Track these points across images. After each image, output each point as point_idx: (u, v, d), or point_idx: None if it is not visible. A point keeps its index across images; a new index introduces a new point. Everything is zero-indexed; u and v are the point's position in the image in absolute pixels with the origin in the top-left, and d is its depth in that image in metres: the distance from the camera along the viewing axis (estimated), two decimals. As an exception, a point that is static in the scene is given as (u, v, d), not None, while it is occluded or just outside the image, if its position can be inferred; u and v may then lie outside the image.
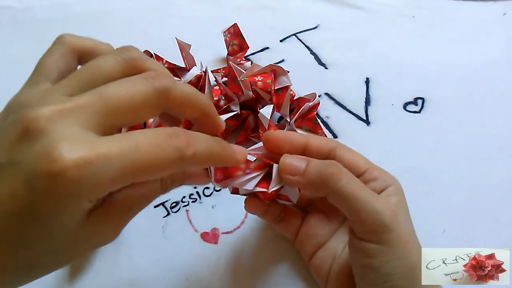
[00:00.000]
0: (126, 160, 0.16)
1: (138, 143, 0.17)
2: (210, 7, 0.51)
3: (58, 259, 0.19)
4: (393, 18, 0.50)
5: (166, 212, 0.37)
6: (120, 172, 0.16)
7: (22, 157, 0.16)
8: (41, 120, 0.16)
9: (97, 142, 0.16)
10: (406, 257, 0.24)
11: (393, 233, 0.24)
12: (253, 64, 0.38)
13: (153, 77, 0.19)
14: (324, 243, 0.30)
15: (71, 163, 0.15)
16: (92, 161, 0.16)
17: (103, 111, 0.18)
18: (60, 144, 0.16)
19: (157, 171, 0.18)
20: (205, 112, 0.22)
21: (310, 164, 0.25)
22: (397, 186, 0.28)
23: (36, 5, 0.52)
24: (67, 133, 0.16)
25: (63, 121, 0.17)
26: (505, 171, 0.38)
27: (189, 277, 0.33)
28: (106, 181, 0.16)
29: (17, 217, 0.16)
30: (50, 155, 0.15)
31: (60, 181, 0.15)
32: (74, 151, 0.16)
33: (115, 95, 0.18)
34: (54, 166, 0.15)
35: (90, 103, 0.17)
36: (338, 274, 0.29)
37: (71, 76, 0.20)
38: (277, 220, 0.31)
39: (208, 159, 0.20)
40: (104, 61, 0.20)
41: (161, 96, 0.19)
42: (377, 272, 0.24)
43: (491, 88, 0.44)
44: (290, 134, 0.27)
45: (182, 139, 0.18)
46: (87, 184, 0.16)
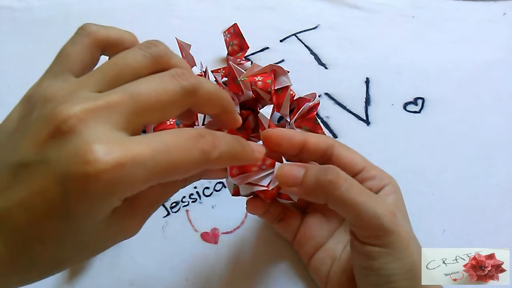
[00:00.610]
0: (157, 162, 0.17)
1: (168, 145, 0.17)
2: (210, 7, 0.51)
3: (82, 254, 0.19)
4: (393, 18, 0.50)
5: (166, 212, 0.37)
6: (150, 173, 0.17)
7: (54, 156, 0.16)
8: (73, 120, 0.16)
9: (129, 143, 0.16)
10: (407, 257, 0.24)
11: (394, 235, 0.24)
12: (253, 64, 0.38)
13: (181, 75, 0.19)
14: (323, 244, 0.30)
15: (105, 166, 0.15)
16: (126, 164, 0.16)
17: (134, 111, 0.18)
18: (94, 146, 0.16)
19: (184, 172, 0.18)
20: (226, 108, 0.22)
21: (308, 172, 0.25)
22: (394, 185, 0.28)
23: (35, 4, 0.52)
24: (100, 133, 0.16)
25: (95, 120, 0.17)
26: (505, 171, 0.38)
27: (189, 277, 0.33)
28: (137, 183, 0.16)
29: (48, 215, 0.16)
30: (84, 157, 0.15)
31: (94, 183, 0.15)
32: (108, 153, 0.16)
33: (145, 94, 0.18)
34: (88, 169, 0.15)
35: (121, 102, 0.17)
36: (338, 276, 0.29)
37: (98, 71, 0.19)
38: (277, 220, 0.31)
39: (230, 160, 0.21)
40: (131, 56, 0.20)
41: (189, 95, 0.19)
42: (378, 274, 0.24)
43: (491, 88, 0.44)
44: (288, 132, 0.27)
45: (208, 141, 0.19)
46: (120, 186, 0.16)
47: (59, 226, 0.16)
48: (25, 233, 0.16)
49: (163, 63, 0.20)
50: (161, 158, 0.17)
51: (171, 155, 0.17)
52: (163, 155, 0.17)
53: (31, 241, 0.17)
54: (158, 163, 0.17)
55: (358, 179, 0.27)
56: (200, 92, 0.20)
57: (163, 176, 0.17)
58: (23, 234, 0.16)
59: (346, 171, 0.27)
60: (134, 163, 0.16)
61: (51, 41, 0.50)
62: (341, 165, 0.27)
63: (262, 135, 0.26)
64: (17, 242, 0.16)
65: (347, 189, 0.24)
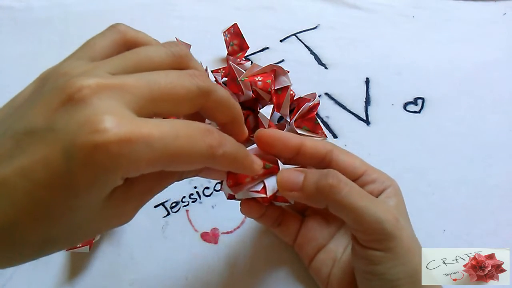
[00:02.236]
0: (165, 146, 0.17)
1: (178, 132, 0.17)
2: (210, 7, 0.51)
3: (73, 236, 0.19)
4: (393, 18, 0.50)
5: (166, 212, 0.37)
6: (157, 156, 0.16)
7: (63, 125, 0.16)
8: (87, 90, 0.16)
9: (140, 122, 0.16)
10: (410, 262, 0.24)
11: (396, 240, 0.24)
12: (253, 64, 0.38)
13: (198, 76, 0.20)
14: (323, 246, 0.30)
15: (114, 138, 0.15)
16: (134, 140, 0.16)
17: (147, 96, 0.18)
18: (105, 117, 0.15)
19: (188, 163, 0.18)
20: (234, 119, 0.23)
21: (308, 177, 0.25)
22: (395, 187, 0.27)
23: (35, 4, 0.52)
24: (112, 107, 0.16)
25: (108, 95, 0.16)
26: (505, 171, 0.38)
27: (189, 277, 0.33)
28: (142, 162, 0.16)
29: (47, 186, 0.15)
30: (93, 126, 0.15)
31: (101, 154, 0.15)
32: (118, 126, 0.15)
33: (161, 83, 0.18)
34: (97, 138, 0.15)
35: (137, 86, 0.17)
36: (339, 277, 0.29)
37: (118, 57, 0.20)
38: (276, 224, 0.31)
39: (232, 163, 0.21)
40: (154, 50, 0.20)
41: (202, 95, 0.20)
42: (381, 279, 0.24)
43: (491, 88, 0.44)
44: (283, 134, 0.26)
45: (216, 138, 0.19)
46: (125, 161, 0.16)
47: (57, 199, 0.16)
48: (20, 205, 0.16)
49: (183, 63, 0.21)
50: (169, 143, 0.17)
51: (179, 141, 0.17)
52: (172, 140, 0.17)
53: (25, 215, 0.16)
54: (165, 147, 0.17)
55: (359, 184, 0.27)
56: (213, 95, 0.20)
57: (168, 161, 0.17)
58: (17, 206, 0.16)
59: (347, 176, 0.27)
60: (142, 142, 0.16)
61: (51, 41, 0.50)
62: (341, 170, 0.26)
63: (255, 135, 0.26)
64: (9, 214, 0.16)
65: (348, 194, 0.23)
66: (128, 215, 0.20)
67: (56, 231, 0.17)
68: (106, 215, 0.18)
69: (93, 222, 0.18)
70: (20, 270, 0.34)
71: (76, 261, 0.34)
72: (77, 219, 0.17)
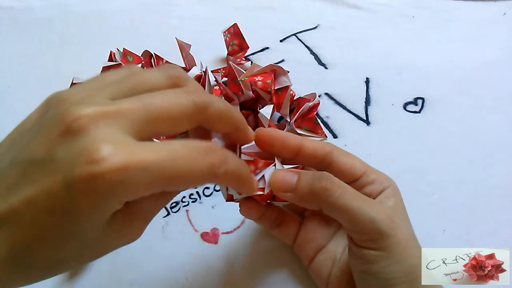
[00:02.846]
0: (162, 169, 0.17)
1: (176, 155, 0.17)
2: (210, 7, 0.51)
3: (82, 256, 0.19)
4: (393, 18, 0.50)
5: (166, 212, 0.37)
6: (155, 180, 0.17)
7: (62, 155, 0.16)
8: (84, 119, 0.16)
9: (136, 147, 0.17)
10: (406, 260, 0.24)
11: (391, 238, 0.24)
12: (253, 64, 0.38)
13: (193, 92, 0.20)
14: (323, 247, 0.30)
15: (110, 167, 0.16)
16: (131, 167, 0.16)
17: (144, 118, 0.18)
18: (100, 146, 0.16)
19: (189, 184, 0.18)
20: (237, 127, 0.23)
21: (302, 178, 0.25)
22: (394, 187, 0.27)
23: (35, 4, 0.52)
24: (108, 135, 0.16)
25: (105, 123, 0.17)
26: (505, 171, 0.38)
27: (189, 277, 0.33)
28: (140, 187, 0.17)
29: (52, 214, 0.16)
30: (90, 156, 0.16)
31: (98, 183, 0.16)
32: (114, 155, 0.16)
33: (157, 104, 0.18)
34: (94, 168, 0.15)
35: (133, 109, 0.18)
36: (338, 278, 0.29)
37: (116, 82, 0.20)
38: (275, 225, 0.30)
39: (235, 181, 0.21)
40: (150, 73, 0.21)
41: (199, 111, 0.20)
42: (377, 278, 0.24)
43: (491, 88, 0.44)
44: (282, 134, 0.26)
45: (217, 156, 0.19)
46: (122, 188, 0.16)
47: (60, 224, 0.17)
48: (28, 232, 0.17)
49: (180, 84, 0.21)
50: (167, 166, 0.17)
51: (178, 165, 0.17)
52: (169, 163, 0.17)
53: (33, 240, 0.17)
54: (163, 171, 0.17)
55: (358, 185, 0.27)
56: (211, 109, 0.20)
57: (167, 184, 0.17)
58: (25, 232, 0.17)
59: (346, 178, 0.27)
60: (139, 168, 0.16)
61: (51, 41, 0.50)
62: (341, 171, 0.27)
63: (255, 134, 0.26)
64: (19, 240, 0.17)
65: (341, 195, 0.24)
66: (134, 234, 0.21)
67: (64, 253, 0.18)
68: (111, 237, 0.19)
69: (99, 243, 0.19)
70: (20, 270, 0.34)
71: (76, 261, 0.34)
72: (82, 241, 0.18)
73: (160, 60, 0.40)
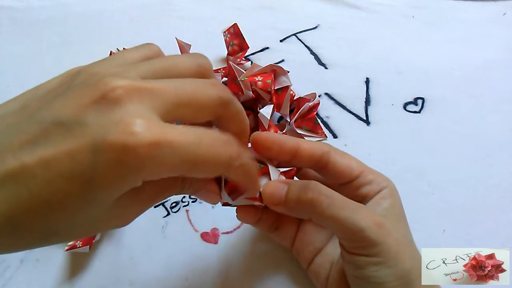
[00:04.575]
0: (188, 152, 0.17)
1: (202, 141, 0.18)
2: (210, 7, 0.51)
3: (74, 231, 0.19)
4: (393, 18, 0.50)
5: (166, 212, 0.37)
6: (180, 162, 0.17)
7: (93, 121, 0.16)
8: (120, 91, 0.17)
9: (167, 127, 0.17)
10: (398, 264, 0.24)
11: (381, 245, 0.24)
12: (253, 64, 0.38)
13: (219, 86, 0.21)
14: (321, 249, 0.30)
15: (144, 141, 0.16)
16: (162, 145, 0.16)
17: (174, 101, 0.18)
18: (137, 120, 0.16)
19: (208, 171, 0.19)
20: (244, 131, 0.23)
21: (290, 189, 0.25)
22: (391, 187, 0.27)
23: (35, 4, 0.52)
24: (143, 111, 0.17)
25: (139, 99, 0.17)
26: (505, 171, 0.38)
27: (189, 277, 0.33)
28: (166, 167, 0.17)
29: (69, 178, 0.16)
30: (125, 128, 0.16)
31: (129, 155, 0.16)
32: (149, 130, 0.16)
33: (187, 90, 0.19)
34: (129, 140, 0.15)
35: (166, 91, 0.18)
36: (336, 280, 0.28)
37: (148, 62, 0.20)
38: (272, 229, 0.30)
39: (246, 175, 0.21)
40: (181, 59, 0.21)
41: (222, 105, 0.20)
42: (369, 282, 0.24)
43: (491, 88, 0.44)
44: (279, 137, 0.26)
45: (235, 149, 0.19)
46: (150, 164, 0.16)
47: (76, 191, 0.16)
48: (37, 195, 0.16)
49: (206, 74, 0.22)
50: (193, 150, 0.17)
51: (202, 150, 0.18)
52: (196, 147, 0.17)
53: (39, 205, 0.16)
54: (188, 154, 0.17)
55: (355, 185, 0.27)
56: (232, 106, 0.21)
57: (189, 167, 0.18)
58: (33, 195, 0.16)
59: (343, 178, 0.27)
60: (169, 147, 0.16)
61: (51, 41, 0.50)
62: (338, 172, 0.27)
63: (251, 138, 0.26)
64: (24, 203, 0.16)
65: (328, 206, 0.24)
66: (128, 218, 0.21)
67: (64, 224, 0.17)
68: (111, 216, 0.19)
69: (97, 221, 0.19)
70: (20, 270, 0.34)
71: (76, 261, 0.34)
72: (87, 214, 0.18)
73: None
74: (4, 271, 0.34)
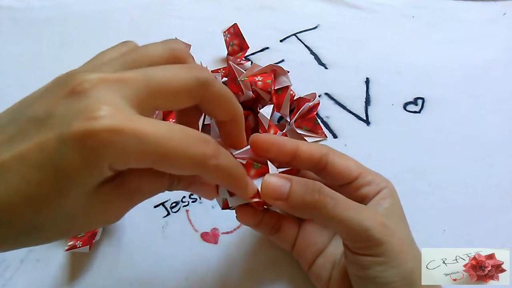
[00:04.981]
0: (156, 144, 0.17)
1: (173, 135, 0.18)
2: (210, 7, 0.51)
3: (59, 227, 0.19)
4: (393, 18, 0.50)
5: (166, 212, 0.37)
6: (147, 153, 0.17)
7: (61, 113, 0.17)
8: (87, 83, 0.17)
9: (135, 117, 0.17)
10: (402, 264, 0.24)
11: (385, 245, 0.24)
12: (253, 64, 0.38)
13: (196, 68, 0.20)
14: (322, 250, 0.30)
15: (106, 126, 0.16)
16: (126, 132, 0.16)
17: (145, 89, 0.18)
18: (101, 106, 0.16)
19: (179, 168, 0.18)
20: (235, 118, 0.23)
21: (294, 188, 0.24)
22: (391, 188, 0.27)
23: (35, 4, 0.52)
24: (109, 99, 0.17)
25: (107, 88, 0.17)
26: (505, 171, 0.38)
27: (189, 277, 0.33)
28: (131, 156, 0.17)
29: (40, 168, 0.16)
30: (89, 114, 0.16)
31: (91, 140, 0.16)
32: (113, 116, 0.16)
33: (158, 76, 0.19)
34: (90, 125, 0.16)
35: (135, 79, 0.18)
36: (338, 281, 0.28)
37: (120, 56, 0.21)
38: (273, 231, 0.30)
39: (226, 178, 0.21)
40: (152, 47, 0.21)
41: (201, 87, 0.20)
42: (374, 282, 0.24)
43: (491, 88, 0.44)
44: (278, 139, 0.25)
45: (211, 148, 0.19)
46: (113, 149, 0.16)
47: (48, 180, 0.16)
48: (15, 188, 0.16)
49: (180, 58, 0.21)
50: (161, 143, 0.17)
51: (172, 143, 0.18)
52: (164, 140, 0.17)
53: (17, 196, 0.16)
54: (156, 146, 0.17)
55: (354, 186, 0.27)
56: (212, 87, 0.20)
57: (157, 160, 0.18)
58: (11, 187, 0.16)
59: (342, 179, 0.27)
60: (134, 135, 0.17)
61: (51, 41, 0.50)
62: (336, 173, 0.26)
63: (250, 140, 0.25)
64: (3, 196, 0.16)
65: (333, 207, 0.23)
66: (115, 214, 0.21)
67: (44, 217, 0.18)
68: (94, 210, 0.19)
69: (80, 215, 0.19)
70: (20, 271, 0.34)
71: (76, 261, 0.34)
72: (66, 206, 0.18)
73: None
74: (4, 271, 0.34)
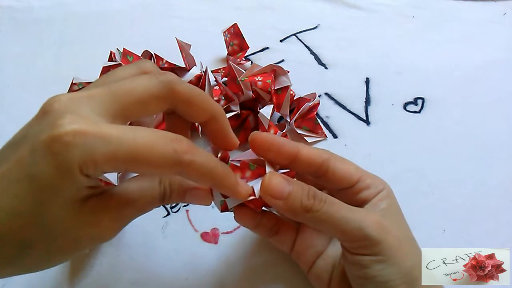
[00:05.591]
0: (121, 144, 0.18)
1: (137, 135, 0.18)
2: (210, 7, 0.51)
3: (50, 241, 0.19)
4: (393, 18, 0.50)
5: (166, 212, 0.37)
6: (113, 153, 0.18)
7: (33, 131, 0.18)
8: (56, 104, 0.19)
9: (101, 123, 0.18)
10: (401, 262, 0.24)
11: (382, 243, 0.24)
12: (253, 64, 0.38)
13: (160, 73, 0.21)
14: (322, 252, 0.30)
15: (69, 130, 0.17)
16: (90, 134, 0.17)
17: (112, 100, 0.20)
18: (64, 115, 0.18)
19: (152, 166, 0.19)
20: (214, 116, 0.23)
21: (295, 190, 0.24)
22: (388, 189, 0.27)
23: (35, 4, 0.52)
24: (75, 110, 0.18)
25: (75, 104, 0.19)
26: (505, 171, 0.38)
27: (189, 277, 0.33)
28: (98, 157, 0.17)
29: (18, 180, 0.18)
30: (53, 123, 0.17)
31: (57, 144, 0.17)
32: (75, 122, 0.17)
33: (123, 86, 0.20)
34: (54, 131, 0.17)
35: (101, 92, 0.20)
36: (338, 282, 0.28)
37: (93, 82, 0.22)
38: (271, 233, 0.30)
39: (206, 175, 0.20)
40: (123, 69, 0.23)
41: (166, 88, 0.21)
42: (374, 282, 0.24)
43: (491, 88, 0.44)
44: (278, 139, 0.25)
45: (183, 145, 0.19)
46: (79, 152, 0.17)
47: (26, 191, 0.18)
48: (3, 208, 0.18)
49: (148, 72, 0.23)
50: (127, 142, 0.18)
51: (137, 142, 0.18)
52: (129, 140, 0.18)
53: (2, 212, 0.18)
54: (122, 146, 0.18)
55: (355, 190, 0.27)
56: (178, 88, 0.21)
57: (127, 161, 0.18)
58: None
59: (343, 184, 0.27)
60: (99, 137, 0.17)
61: (51, 41, 0.50)
62: (338, 178, 0.26)
63: (250, 137, 0.25)
64: None
65: (327, 209, 0.24)
66: (109, 228, 0.21)
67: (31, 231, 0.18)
68: (84, 223, 0.19)
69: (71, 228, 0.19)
70: (20, 270, 0.34)
71: (76, 261, 0.34)
72: (50, 216, 0.18)
73: (160, 60, 0.40)
74: (4, 271, 0.34)
